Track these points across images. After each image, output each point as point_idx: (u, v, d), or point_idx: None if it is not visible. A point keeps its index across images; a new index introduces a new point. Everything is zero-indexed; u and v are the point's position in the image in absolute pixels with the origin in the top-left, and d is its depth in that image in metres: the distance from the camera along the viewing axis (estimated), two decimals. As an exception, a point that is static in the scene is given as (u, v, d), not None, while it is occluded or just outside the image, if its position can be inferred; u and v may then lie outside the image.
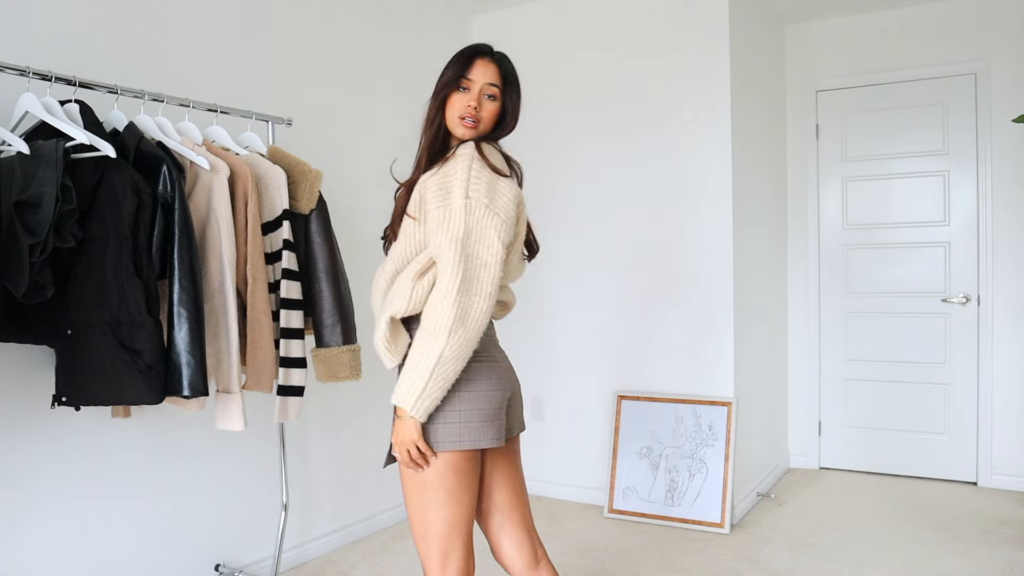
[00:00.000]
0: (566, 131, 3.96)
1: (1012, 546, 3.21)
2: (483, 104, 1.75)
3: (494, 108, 1.76)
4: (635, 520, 3.61)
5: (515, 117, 1.81)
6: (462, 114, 1.74)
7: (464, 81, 1.75)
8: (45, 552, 2.33)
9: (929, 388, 4.19)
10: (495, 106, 1.77)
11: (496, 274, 1.64)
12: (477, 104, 1.74)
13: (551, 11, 4.00)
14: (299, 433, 3.15)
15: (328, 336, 2.51)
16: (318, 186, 2.52)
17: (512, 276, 1.83)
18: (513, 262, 1.80)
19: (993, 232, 4.01)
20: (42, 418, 2.30)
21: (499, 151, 1.79)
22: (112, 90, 2.23)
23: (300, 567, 3.12)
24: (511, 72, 1.80)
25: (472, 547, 1.76)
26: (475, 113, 1.73)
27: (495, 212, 1.64)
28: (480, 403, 1.71)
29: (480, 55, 1.77)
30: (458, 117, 1.74)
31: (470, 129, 1.74)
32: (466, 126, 1.74)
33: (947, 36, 4.08)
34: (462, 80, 1.76)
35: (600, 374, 3.91)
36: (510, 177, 1.72)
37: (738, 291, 3.63)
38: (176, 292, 2.09)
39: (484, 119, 1.75)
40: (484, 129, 1.77)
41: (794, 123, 4.46)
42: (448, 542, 1.71)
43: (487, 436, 1.71)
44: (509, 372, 1.80)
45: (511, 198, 1.69)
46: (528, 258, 1.91)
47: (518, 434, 1.89)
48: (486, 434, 1.71)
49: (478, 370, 1.71)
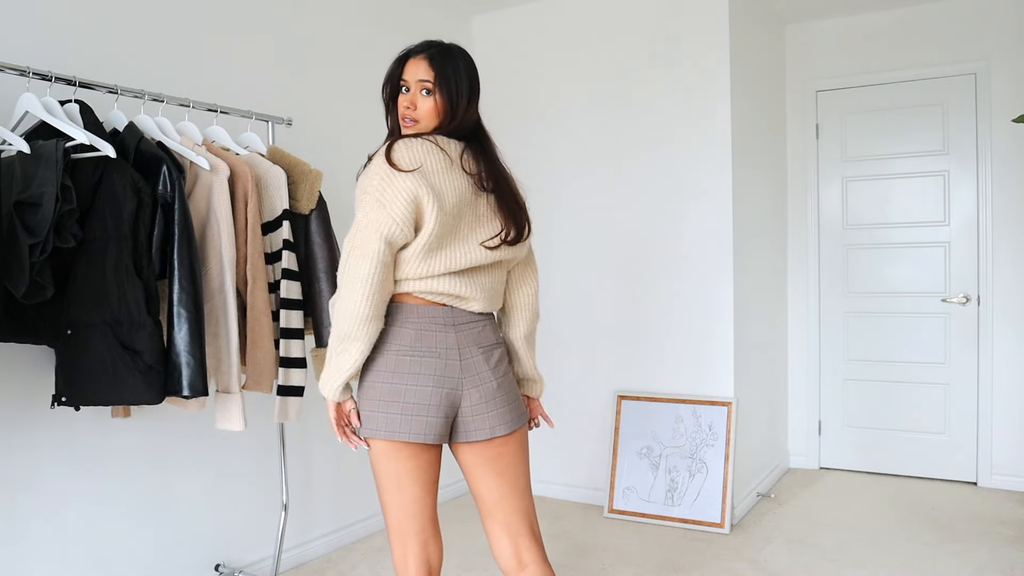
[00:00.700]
0: (566, 131, 3.96)
1: (1012, 546, 3.21)
2: (419, 101, 1.79)
3: (430, 103, 1.78)
4: (635, 520, 3.61)
5: (461, 107, 1.80)
6: (402, 114, 1.81)
7: (401, 82, 1.82)
8: (45, 552, 2.33)
9: (929, 388, 4.19)
10: (431, 101, 1.78)
11: (371, 265, 1.65)
12: (411, 103, 1.79)
13: (551, 11, 4.00)
14: (299, 433, 3.16)
15: (328, 336, 2.51)
16: (318, 186, 2.53)
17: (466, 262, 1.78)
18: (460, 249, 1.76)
19: (993, 232, 4.01)
20: (42, 418, 2.30)
21: (437, 145, 1.76)
22: (112, 90, 2.23)
23: (300, 567, 3.12)
24: (446, 65, 1.79)
25: (432, 534, 1.80)
26: (411, 112, 1.79)
27: (382, 205, 1.67)
28: (402, 396, 1.72)
29: (411, 55, 1.82)
30: (400, 117, 1.82)
31: (409, 128, 1.80)
32: (406, 125, 1.80)
33: (947, 36, 4.08)
34: (399, 82, 1.83)
35: (600, 374, 3.92)
36: (410, 172, 1.69)
37: (738, 291, 3.63)
38: (176, 292, 2.10)
39: (421, 116, 1.79)
40: (427, 125, 1.79)
41: (794, 123, 4.46)
42: (401, 525, 1.77)
43: (408, 430, 1.72)
44: (453, 369, 1.76)
45: (403, 192, 1.67)
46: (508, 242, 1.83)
47: (503, 436, 1.83)
48: (408, 427, 1.72)
49: (405, 363, 1.73)
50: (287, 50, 3.14)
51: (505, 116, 4.00)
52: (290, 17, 3.17)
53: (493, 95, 4.12)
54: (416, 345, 1.74)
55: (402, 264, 1.73)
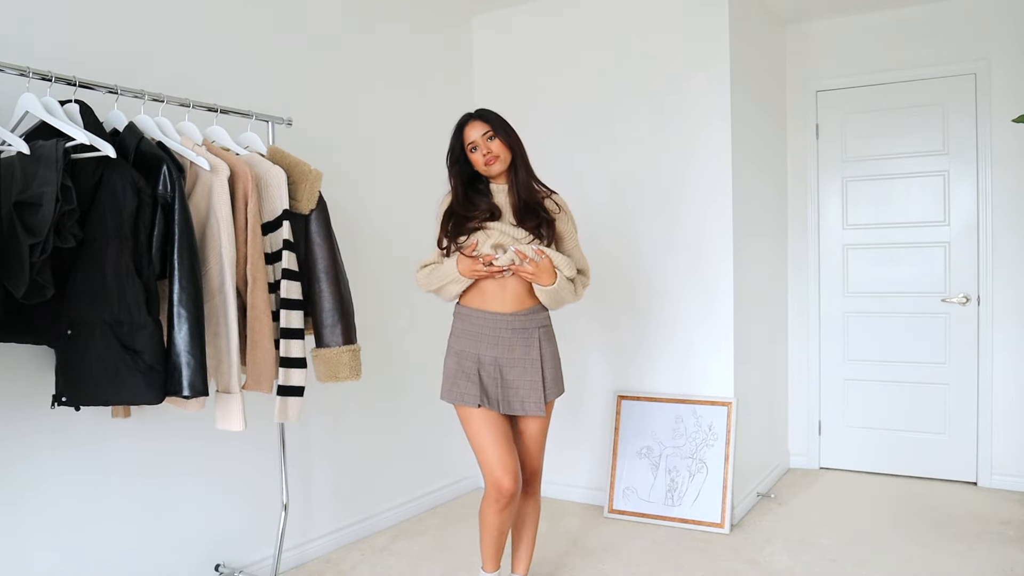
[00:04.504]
0: (565, 131, 3.96)
1: (1012, 546, 3.21)
2: (491, 146, 2.42)
3: (497, 144, 2.44)
4: (635, 520, 3.61)
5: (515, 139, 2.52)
6: (486, 162, 2.43)
7: (469, 144, 2.45)
8: (45, 552, 2.33)
9: (929, 388, 4.20)
10: (497, 142, 2.43)
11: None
12: (487, 150, 2.42)
13: (551, 11, 4.00)
14: (299, 433, 3.15)
15: (328, 336, 2.51)
16: (318, 186, 2.52)
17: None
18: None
19: (993, 232, 4.01)
20: (42, 418, 2.30)
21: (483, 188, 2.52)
22: (112, 90, 2.23)
23: (300, 567, 3.12)
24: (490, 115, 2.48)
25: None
26: (491, 155, 2.42)
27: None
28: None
29: (465, 123, 2.47)
30: (485, 164, 2.43)
31: (493, 165, 2.43)
32: (489, 164, 2.43)
33: (947, 36, 4.08)
34: (466, 145, 2.46)
35: (600, 374, 3.92)
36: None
37: (738, 291, 3.63)
38: (176, 292, 2.09)
39: (500, 153, 2.44)
40: (505, 159, 2.45)
41: (794, 123, 4.46)
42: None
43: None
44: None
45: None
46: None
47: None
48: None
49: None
50: (287, 50, 3.14)
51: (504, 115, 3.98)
52: (290, 17, 3.17)
53: (493, 95, 4.13)
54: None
55: None
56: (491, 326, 2.42)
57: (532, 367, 2.42)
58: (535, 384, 2.43)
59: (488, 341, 2.42)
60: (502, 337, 2.42)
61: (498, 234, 2.40)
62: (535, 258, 2.36)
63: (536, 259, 2.36)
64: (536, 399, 2.43)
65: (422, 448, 3.81)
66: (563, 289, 2.42)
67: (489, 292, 2.43)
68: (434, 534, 3.48)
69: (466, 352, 2.45)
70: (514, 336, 2.42)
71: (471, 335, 2.45)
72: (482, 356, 2.43)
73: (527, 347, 2.43)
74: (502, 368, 2.42)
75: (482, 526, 2.50)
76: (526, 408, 2.42)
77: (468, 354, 2.44)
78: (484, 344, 2.43)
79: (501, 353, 2.42)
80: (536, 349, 2.44)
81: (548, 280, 2.38)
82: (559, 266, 2.40)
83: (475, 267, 2.37)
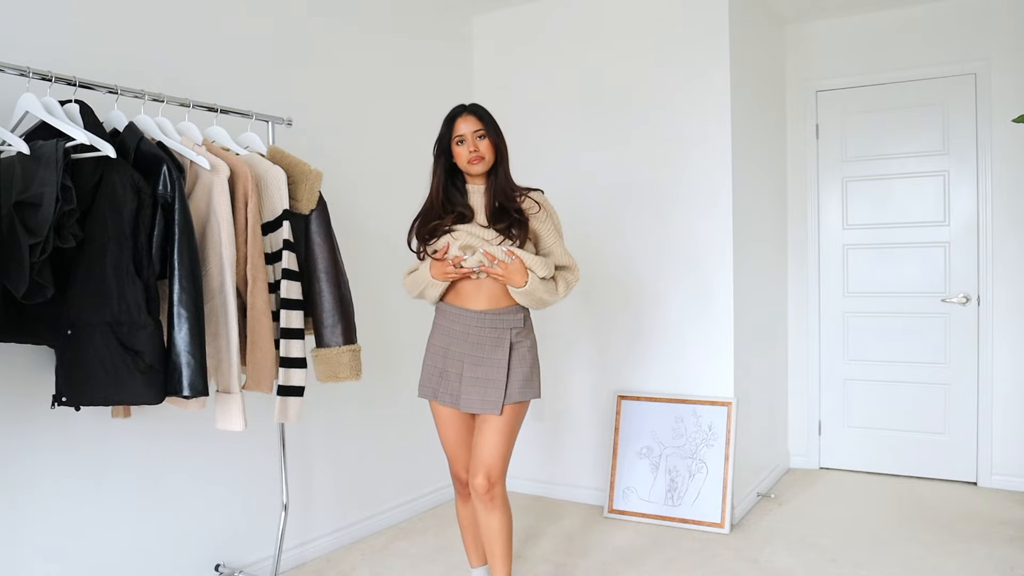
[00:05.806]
0: (565, 132, 3.96)
1: (1012, 546, 3.21)
2: (479, 144, 2.40)
3: (486, 144, 2.42)
4: (635, 520, 3.61)
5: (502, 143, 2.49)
6: (468, 159, 2.41)
7: (457, 137, 2.42)
8: (45, 552, 2.33)
9: (929, 388, 4.19)
10: (486, 142, 2.42)
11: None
12: (474, 147, 2.40)
13: (551, 11, 4.00)
14: (299, 433, 3.15)
15: (328, 336, 2.51)
16: (318, 186, 2.52)
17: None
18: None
19: (993, 232, 4.01)
20: (42, 418, 2.30)
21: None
22: (112, 90, 2.23)
23: (300, 567, 3.12)
24: (484, 114, 2.45)
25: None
26: (476, 154, 2.39)
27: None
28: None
29: (458, 115, 2.43)
30: (467, 162, 2.41)
31: (476, 165, 2.41)
32: (472, 163, 2.41)
33: (947, 36, 4.08)
34: (455, 137, 2.42)
35: (600, 374, 3.91)
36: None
37: (738, 291, 3.63)
38: (176, 292, 2.09)
39: (485, 153, 2.42)
40: (489, 160, 2.42)
41: (794, 123, 4.46)
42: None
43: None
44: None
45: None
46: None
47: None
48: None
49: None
50: (287, 50, 3.14)
51: (504, 116, 3.98)
52: (290, 17, 3.17)
53: (492, 95, 4.13)
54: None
55: None
56: (463, 323, 2.44)
57: (497, 366, 2.40)
58: (497, 383, 2.39)
59: (458, 337, 2.44)
60: (471, 334, 2.43)
61: (466, 236, 2.39)
62: (504, 259, 2.36)
63: (506, 260, 2.36)
64: (495, 399, 2.39)
65: (422, 448, 3.81)
66: (538, 289, 2.39)
67: (465, 291, 2.45)
68: (434, 534, 3.48)
69: (436, 346, 2.50)
70: (484, 334, 2.42)
71: (444, 330, 2.48)
72: (450, 351, 2.46)
73: (495, 346, 2.42)
74: (466, 364, 2.43)
75: (458, 523, 2.68)
76: (484, 406, 2.40)
77: (437, 348, 2.49)
78: (455, 340, 2.45)
79: (469, 350, 2.43)
80: (504, 349, 2.41)
81: (519, 281, 2.37)
82: (532, 266, 2.38)
83: (446, 270, 2.39)
